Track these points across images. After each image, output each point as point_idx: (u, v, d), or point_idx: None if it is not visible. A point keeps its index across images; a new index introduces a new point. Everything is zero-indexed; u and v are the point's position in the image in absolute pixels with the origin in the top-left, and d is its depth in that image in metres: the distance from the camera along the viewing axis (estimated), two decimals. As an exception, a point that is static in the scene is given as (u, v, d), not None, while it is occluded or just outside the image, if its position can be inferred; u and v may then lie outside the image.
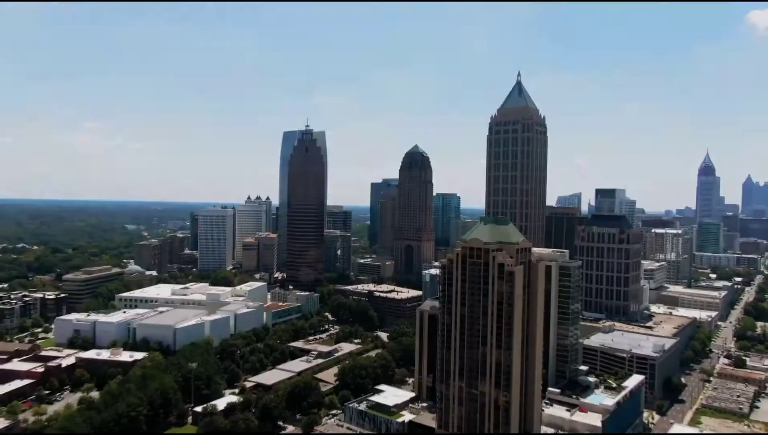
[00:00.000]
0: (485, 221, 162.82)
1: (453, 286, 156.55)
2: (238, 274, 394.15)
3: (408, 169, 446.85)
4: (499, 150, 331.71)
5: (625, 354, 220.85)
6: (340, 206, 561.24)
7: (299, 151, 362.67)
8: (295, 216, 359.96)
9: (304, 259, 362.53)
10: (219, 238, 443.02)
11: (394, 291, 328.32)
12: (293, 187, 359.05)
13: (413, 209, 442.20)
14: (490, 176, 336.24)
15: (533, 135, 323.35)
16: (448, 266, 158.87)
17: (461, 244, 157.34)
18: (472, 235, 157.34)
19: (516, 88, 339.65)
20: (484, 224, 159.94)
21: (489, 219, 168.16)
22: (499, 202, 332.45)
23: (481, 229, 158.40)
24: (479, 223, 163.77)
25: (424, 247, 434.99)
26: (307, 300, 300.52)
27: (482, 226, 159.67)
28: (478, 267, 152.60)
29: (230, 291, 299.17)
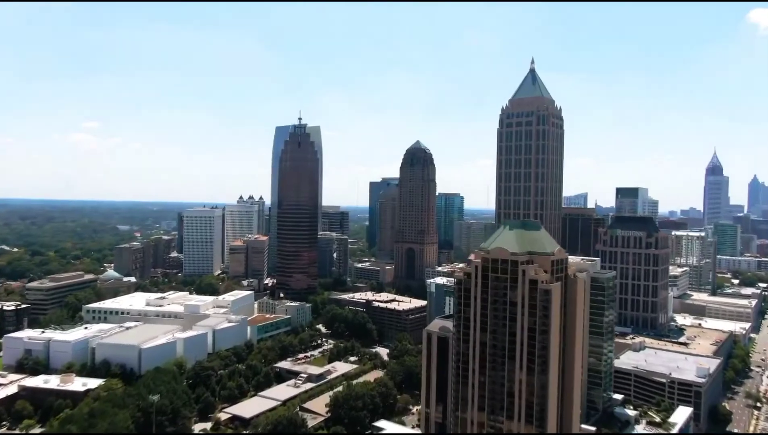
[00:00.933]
0: (510, 225, 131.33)
1: (471, 307, 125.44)
2: (225, 280, 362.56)
3: (409, 167, 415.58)
4: (511, 144, 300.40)
5: (664, 379, 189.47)
6: (337, 207, 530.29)
7: (291, 147, 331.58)
8: (286, 217, 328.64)
9: (295, 264, 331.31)
10: (205, 240, 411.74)
11: (394, 301, 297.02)
12: (284, 186, 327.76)
13: (415, 210, 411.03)
14: (501, 173, 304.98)
15: (549, 128, 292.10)
16: (465, 282, 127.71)
17: (481, 255, 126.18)
18: (494, 243, 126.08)
19: (529, 77, 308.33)
20: (510, 229, 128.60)
21: (514, 223, 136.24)
22: (510, 201, 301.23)
23: (505, 235, 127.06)
24: (503, 229, 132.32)
25: (426, 251, 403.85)
26: (298, 311, 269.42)
27: (507, 231, 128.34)
28: (504, 283, 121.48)
29: (211, 302, 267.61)
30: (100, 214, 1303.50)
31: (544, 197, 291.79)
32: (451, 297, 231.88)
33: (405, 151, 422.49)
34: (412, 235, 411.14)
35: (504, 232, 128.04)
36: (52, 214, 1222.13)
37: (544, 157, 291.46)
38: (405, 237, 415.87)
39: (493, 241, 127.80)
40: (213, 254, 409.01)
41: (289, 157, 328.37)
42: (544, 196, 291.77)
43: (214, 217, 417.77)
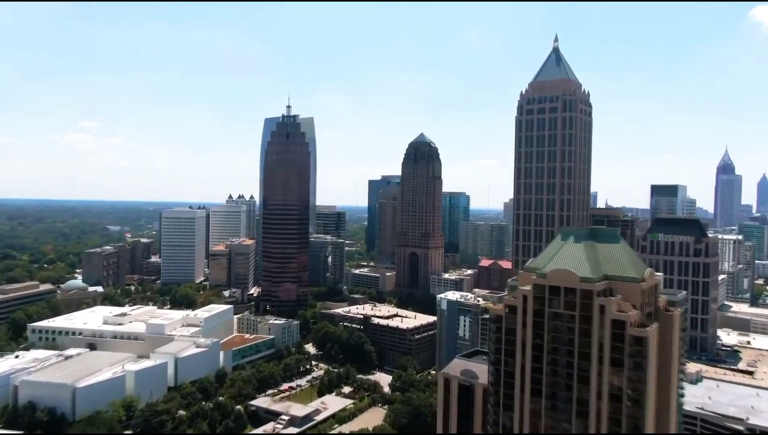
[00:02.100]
0: (574, 235, 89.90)
1: (518, 358, 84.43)
2: (205, 290, 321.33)
3: (412, 162, 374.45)
4: (532, 135, 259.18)
5: (741, 425, 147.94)
6: (333, 206, 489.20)
7: (278, 138, 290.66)
8: (273, 217, 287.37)
9: (283, 271, 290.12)
10: (186, 244, 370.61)
11: (396, 316, 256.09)
12: (270, 182, 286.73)
13: (419, 210, 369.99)
14: (520, 168, 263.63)
15: (576, 115, 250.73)
16: (507, 319, 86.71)
17: (532, 278, 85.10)
18: (553, 263, 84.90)
19: (552, 57, 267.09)
20: (574, 241, 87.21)
21: (579, 231, 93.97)
22: (530, 201, 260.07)
23: (569, 251, 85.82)
24: (562, 240, 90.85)
25: (432, 256, 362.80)
26: (283, 331, 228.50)
27: (571, 244, 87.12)
28: (569, 324, 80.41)
29: (180, 320, 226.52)
30: (92, 215, 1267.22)
31: (571, 196, 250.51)
32: (467, 317, 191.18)
33: (408, 144, 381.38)
34: (416, 238, 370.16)
35: (566, 246, 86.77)
36: (43, 214, 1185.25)
37: (571, 150, 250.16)
38: (408, 240, 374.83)
39: (549, 259, 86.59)
40: (194, 260, 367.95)
41: (275, 149, 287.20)
42: (571, 194, 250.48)
43: (196, 219, 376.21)
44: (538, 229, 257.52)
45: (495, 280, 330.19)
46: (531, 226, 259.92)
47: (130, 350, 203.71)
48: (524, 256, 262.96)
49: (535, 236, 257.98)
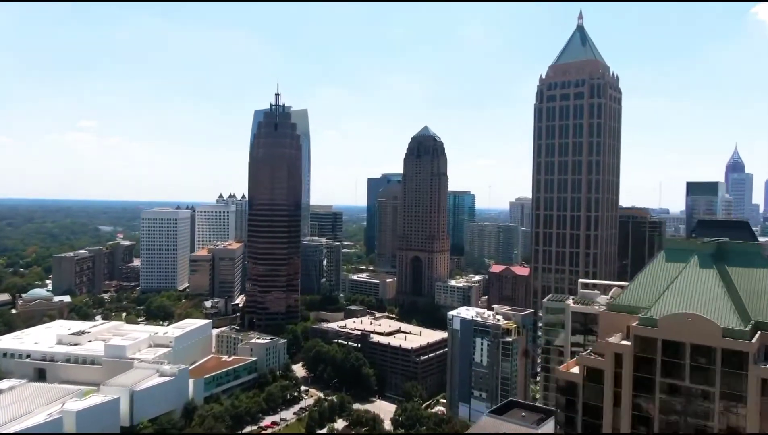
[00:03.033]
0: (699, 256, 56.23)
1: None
2: (185, 300, 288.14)
3: (415, 158, 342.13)
4: (553, 124, 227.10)
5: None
6: (329, 206, 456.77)
7: (266, 130, 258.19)
8: (259, 218, 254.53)
9: (272, 279, 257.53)
10: (167, 248, 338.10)
11: (399, 332, 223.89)
12: (256, 179, 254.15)
13: (422, 210, 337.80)
14: (539, 163, 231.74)
15: (606, 102, 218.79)
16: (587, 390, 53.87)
17: (631, 326, 52.12)
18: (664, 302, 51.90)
19: (576, 36, 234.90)
20: (700, 265, 54.02)
21: (701, 248, 59.80)
22: (552, 200, 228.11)
23: (691, 278, 52.89)
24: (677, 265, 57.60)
25: (436, 261, 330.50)
26: (267, 351, 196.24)
27: (693, 269, 53.99)
28: (703, 405, 47.46)
29: (146, 339, 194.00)
30: (86, 214, 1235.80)
31: (599, 194, 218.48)
32: (485, 340, 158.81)
33: (410, 138, 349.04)
34: (419, 240, 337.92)
35: (686, 272, 53.86)
36: (35, 214, 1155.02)
37: (599, 141, 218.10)
38: (410, 243, 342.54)
39: (657, 293, 53.71)
40: (177, 265, 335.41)
41: (262, 142, 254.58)
42: (599, 192, 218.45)
43: (178, 220, 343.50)
44: (561, 233, 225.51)
45: (507, 288, 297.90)
46: (553, 229, 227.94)
47: (85, 377, 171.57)
48: (546, 262, 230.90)
49: (558, 241, 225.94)
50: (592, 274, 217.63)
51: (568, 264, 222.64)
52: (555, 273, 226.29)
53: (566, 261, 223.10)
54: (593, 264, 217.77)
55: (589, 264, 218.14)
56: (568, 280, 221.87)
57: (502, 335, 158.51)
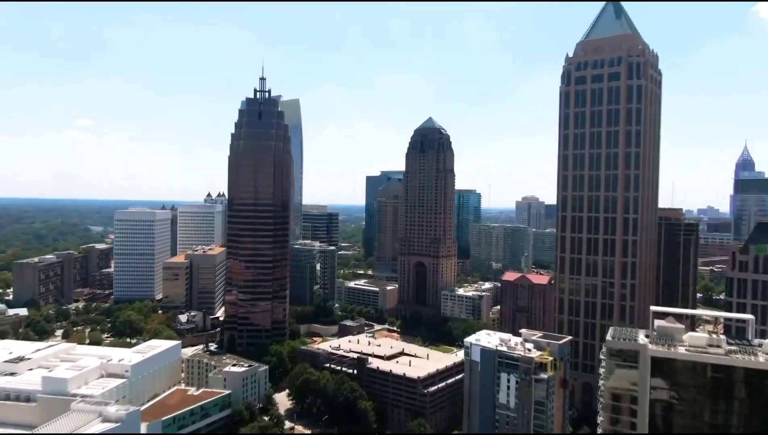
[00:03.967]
0: None
1: None
2: (159, 313, 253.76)
3: (419, 153, 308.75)
4: (583, 111, 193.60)
5: None
6: (323, 206, 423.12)
7: (248, 119, 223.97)
8: (240, 220, 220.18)
9: (255, 290, 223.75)
10: (143, 253, 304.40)
11: (402, 354, 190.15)
12: (237, 175, 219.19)
13: (426, 210, 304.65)
14: (566, 156, 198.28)
15: (646, 84, 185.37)
16: None
17: None
18: None
19: (610, 8, 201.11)
20: None
21: None
22: (582, 200, 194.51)
23: None
24: None
25: (442, 267, 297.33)
26: (244, 382, 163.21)
27: None
28: None
29: (99, 367, 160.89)
30: (79, 214, 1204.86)
31: (638, 193, 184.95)
32: (513, 376, 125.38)
33: (413, 132, 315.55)
34: (423, 244, 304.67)
35: None
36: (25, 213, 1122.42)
37: (638, 130, 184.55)
38: (413, 247, 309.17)
39: None
40: (154, 272, 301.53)
41: (244, 133, 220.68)
42: (639, 190, 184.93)
43: (155, 221, 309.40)
44: (593, 238, 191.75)
45: (522, 298, 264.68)
46: (583, 234, 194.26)
47: (18, 418, 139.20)
48: (575, 273, 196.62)
49: (590, 247, 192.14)
50: (630, 287, 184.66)
51: (601, 274, 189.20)
52: (585, 285, 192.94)
53: (599, 271, 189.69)
54: (632, 275, 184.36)
55: (626, 274, 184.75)
56: (601, 293, 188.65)
57: (535, 371, 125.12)
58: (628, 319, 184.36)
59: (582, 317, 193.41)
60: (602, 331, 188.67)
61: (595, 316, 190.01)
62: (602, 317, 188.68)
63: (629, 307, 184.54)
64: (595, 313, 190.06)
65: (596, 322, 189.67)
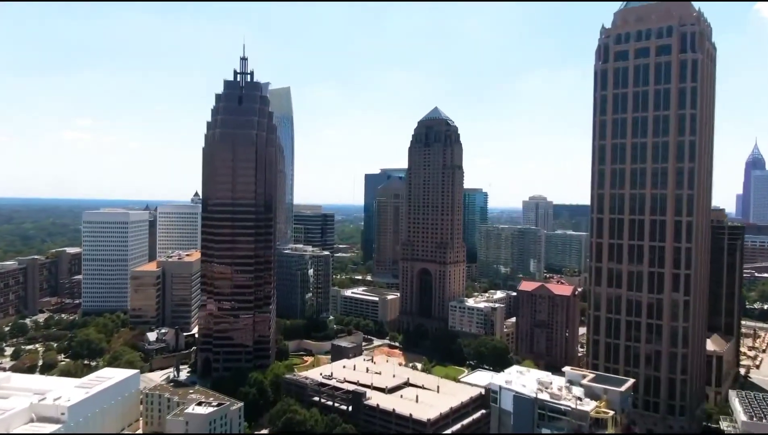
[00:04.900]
0: None
1: None
2: (127, 328, 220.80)
3: (423, 147, 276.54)
4: (624, 92, 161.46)
5: None
6: (318, 206, 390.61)
7: (226, 104, 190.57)
8: (215, 222, 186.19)
9: (233, 301, 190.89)
10: (114, 259, 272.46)
11: (407, 385, 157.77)
12: (212, 169, 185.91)
13: (431, 211, 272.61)
14: (603, 147, 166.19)
15: (702, 59, 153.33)
16: None
17: None
18: None
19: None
20: None
21: None
22: (622, 199, 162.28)
23: None
24: None
25: (450, 274, 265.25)
26: (211, 426, 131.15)
27: None
28: None
29: (28, 409, 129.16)
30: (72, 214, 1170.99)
31: (692, 190, 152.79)
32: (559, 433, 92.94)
33: (417, 123, 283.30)
34: (428, 249, 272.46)
35: None
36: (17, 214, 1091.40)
37: (693, 115, 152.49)
38: (416, 252, 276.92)
39: None
40: (128, 281, 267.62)
41: (221, 121, 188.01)
42: (693, 188, 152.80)
43: (129, 224, 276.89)
44: (636, 245, 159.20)
45: (542, 311, 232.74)
46: (624, 240, 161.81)
47: None
48: (614, 286, 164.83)
49: (632, 256, 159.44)
50: (683, 305, 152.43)
51: (646, 289, 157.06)
52: (626, 301, 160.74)
53: (643, 285, 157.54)
54: (685, 290, 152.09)
55: (678, 289, 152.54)
56: (647, 312, 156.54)
57: (591, 428, 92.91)
58: (680, 342, 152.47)
59: (623, 340, 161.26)
60: (648, 358, 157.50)
61: (639, 339, 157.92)
62: (648, 340, 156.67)
63: (682, 329, 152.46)
64: (639, 336, 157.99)
65: (641, 346, 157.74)
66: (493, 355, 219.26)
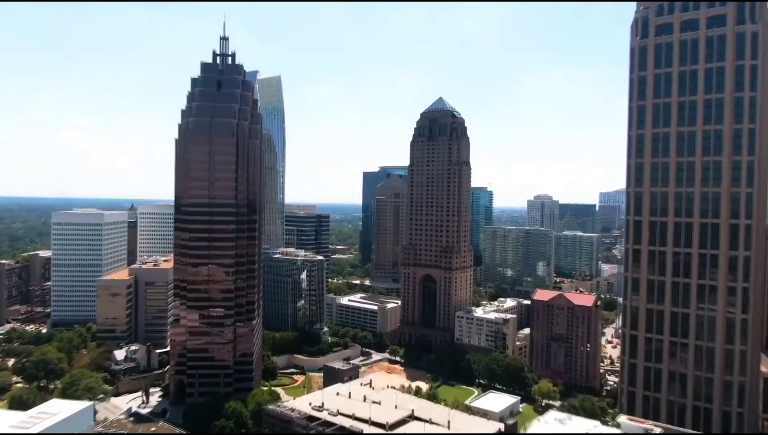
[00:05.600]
0: None
1: None
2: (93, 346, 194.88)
3: (426, 141, 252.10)
4: (667, 72, 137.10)
5: None
6: (312, 206, 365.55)
7: (203, 89, 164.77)
8: (189, 225, 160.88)
9: (210, 316, 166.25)
10: (87, 264, 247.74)
11: (412, 418, 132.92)
12: (185, 164, 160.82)
13: (435, 211, 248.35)
14: (640, 136, 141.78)
15: (762, 31, 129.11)
16: None
17: None
18: None
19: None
20: None
21: None
22: (666, 198, 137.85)
23: None
24: None
25: (456, 282, 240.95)
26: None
27: None
28: None
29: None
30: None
31: (752, 188, 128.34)
32: None
33: (420, 115, 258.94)
34: (432, 254, 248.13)
35: None
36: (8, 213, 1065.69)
37: (753, 98, 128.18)
38: (419, 257, 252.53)
39: None
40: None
41: (196, 108, 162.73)
42: (754, 185, 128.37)
43: (104, 225, 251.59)
44: (682, 253, 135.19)
45: (560, 323, 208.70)
46: (667, 247, 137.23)
47: None
48: (655, 301, 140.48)
49: (677, 266, 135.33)
50: (740, 325, 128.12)
51: (694, 305, 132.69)
52: (670, 319, 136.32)
53: (691, 300, 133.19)
54: (743, 307, 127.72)
55: (735, 305, 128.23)
56: (695, 332, 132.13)
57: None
58: (737, 369, 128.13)
59: (665, 364, 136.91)
60: (697, 386, 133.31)
61: (686, 364, 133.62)
62: (698, 367, 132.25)
63: (739, 353, 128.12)
64: (686, 360, 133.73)
65: (687, 373, 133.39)
66: (506, 374, 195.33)
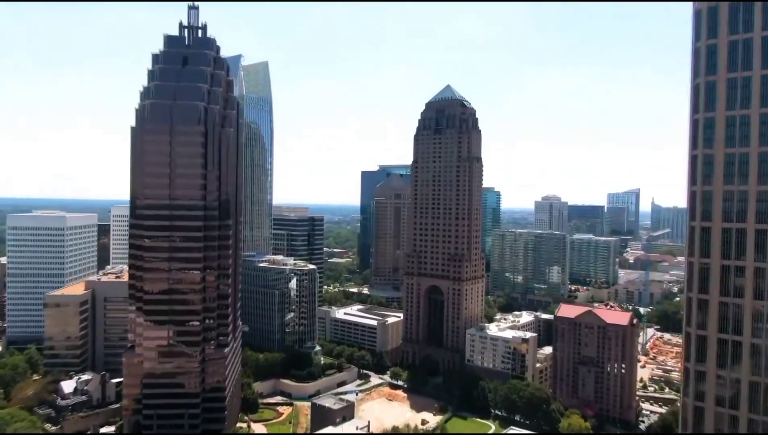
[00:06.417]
0: None
1: None
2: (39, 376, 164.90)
3: (432, 134, 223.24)
4: (746, 38, 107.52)
5: None
6: (304, 208, 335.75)
7: (165, 67, 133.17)
8: (146, 231, 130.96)
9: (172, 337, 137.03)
10: (48, 274, 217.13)
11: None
12: (140, 157, 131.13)
13: (443, 214, 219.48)
14: (708, 121, 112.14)
15: None
16: None
17: None
18: None
19: None
20: None
21: None
22: (742, 199, 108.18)
23: None
24: None
25: (467, 294, 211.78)
26: None
27: None
28: None
29: None
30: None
31: None
32: None
33: (425, 105, 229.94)
34: (439, 262, 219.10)
35: None
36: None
37: None
38: (424, 266, 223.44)
39: None
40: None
41: (155, 89, 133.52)
42: None
43: (66, 230, 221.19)
44: (765, 269, 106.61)
45: (590, 344, 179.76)
46: (746, 260, 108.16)
47: None
48: (727, 330, 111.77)
49: (758, 285, 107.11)
50: None
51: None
52: (750, 353, 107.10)
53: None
54: None
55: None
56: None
57: None
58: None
59: (745, 410, 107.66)
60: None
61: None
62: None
63: None
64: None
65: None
66: (528, 406, 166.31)
